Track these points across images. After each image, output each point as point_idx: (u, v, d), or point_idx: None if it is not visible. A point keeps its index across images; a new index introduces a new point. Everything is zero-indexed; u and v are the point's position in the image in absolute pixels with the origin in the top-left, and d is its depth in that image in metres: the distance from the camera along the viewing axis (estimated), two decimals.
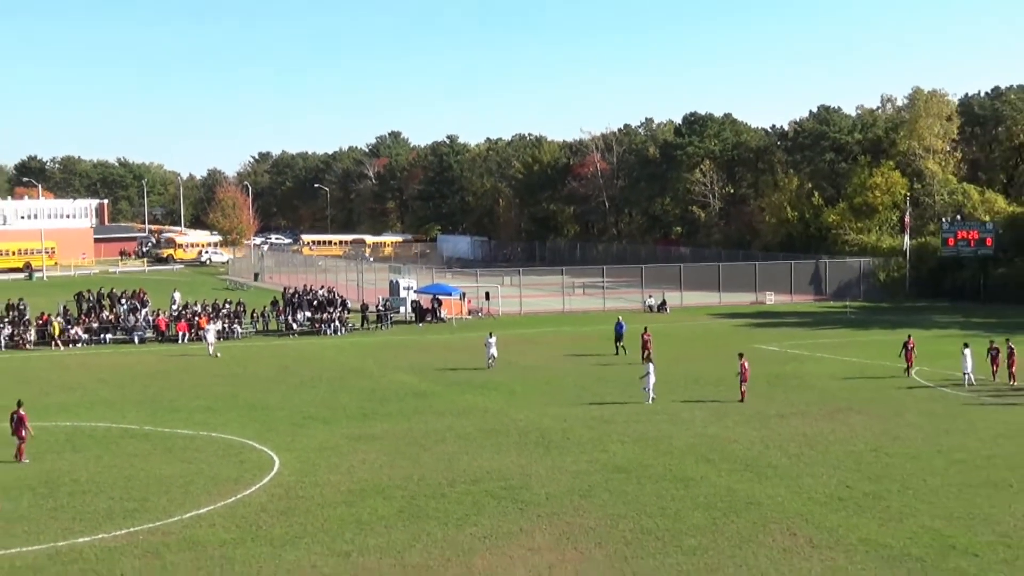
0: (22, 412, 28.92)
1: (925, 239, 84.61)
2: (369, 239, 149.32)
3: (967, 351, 40.48)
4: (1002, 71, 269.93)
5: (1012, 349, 40.97)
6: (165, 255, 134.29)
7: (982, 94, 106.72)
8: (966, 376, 40.26)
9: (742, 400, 36.97)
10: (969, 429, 32.31)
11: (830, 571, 19.58)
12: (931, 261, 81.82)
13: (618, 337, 50.04)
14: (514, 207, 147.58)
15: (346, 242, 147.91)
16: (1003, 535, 21.58)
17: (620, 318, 53.52)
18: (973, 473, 26.74)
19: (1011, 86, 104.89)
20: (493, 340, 46.26)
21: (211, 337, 52.51)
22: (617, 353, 49.47)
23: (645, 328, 48.64)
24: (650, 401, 36.88)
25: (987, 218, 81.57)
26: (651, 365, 38.42)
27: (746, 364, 37.65)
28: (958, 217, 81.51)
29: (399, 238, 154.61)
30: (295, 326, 61.14)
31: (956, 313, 69.86)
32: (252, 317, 62.36)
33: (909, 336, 44.55)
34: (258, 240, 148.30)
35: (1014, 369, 40.44)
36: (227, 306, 61.45)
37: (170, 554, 20.73)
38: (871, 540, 21.27)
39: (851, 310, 72.16)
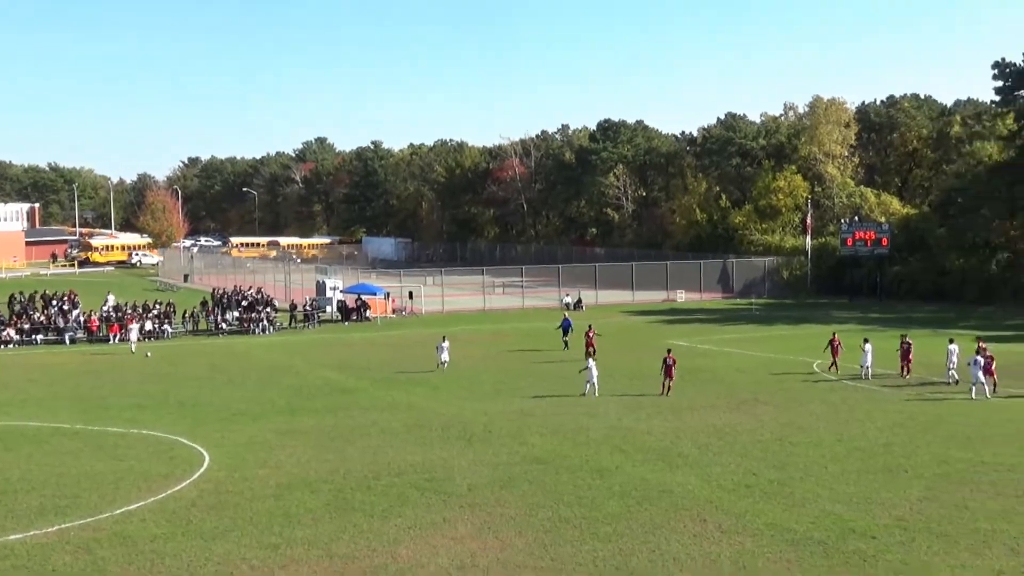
0: None
1: (825, 239, 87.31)
2: (283, 241, 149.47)
3: (867, 346, 41.94)
4: (896, 81, 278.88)
5: (909, 344, 42.49)
6: (83, 257, 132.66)
7: (878, 102, 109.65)
8: (864, 369, 41.68)
9: (665, 393, 37.55)
10: (867, 419, 33.30)
11: (738, 555, 20.03)
12: (831, 260, 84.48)
13: (564, 332, 51.41)
14: (436, 210, 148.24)
15: (264, 244, 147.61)
16: (899, 518, 22.29)
17: (566, 315, 55.87)
18: (871, 460, 27.57)
19: (905, 95, 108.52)
20: (446, 344, 45.17)
21: (133, 336, 52.62)
22: (566, 348, 50.64)
23: (590, 326, 49.25)
24: (595, 395, 37.49)
25: (883, 219, 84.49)
26: (592, 361, 39.23)
27: (669, 361, 38.03)
28: (856, 218, 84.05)
29: (326, 240, 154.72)
30: (224, 325, 61.21)
31: (854, 309, 72.15)
32: (183, 317, 62.09)
33: (834, 333, 45.57)
34: (188, 243, 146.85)
35: (909, 363, 41.98)
36: (157, 306, 61.16)
37: (101, 549, 20.71)
38: (776, 525, 21.88)
39: (756, 307, 74.15)
